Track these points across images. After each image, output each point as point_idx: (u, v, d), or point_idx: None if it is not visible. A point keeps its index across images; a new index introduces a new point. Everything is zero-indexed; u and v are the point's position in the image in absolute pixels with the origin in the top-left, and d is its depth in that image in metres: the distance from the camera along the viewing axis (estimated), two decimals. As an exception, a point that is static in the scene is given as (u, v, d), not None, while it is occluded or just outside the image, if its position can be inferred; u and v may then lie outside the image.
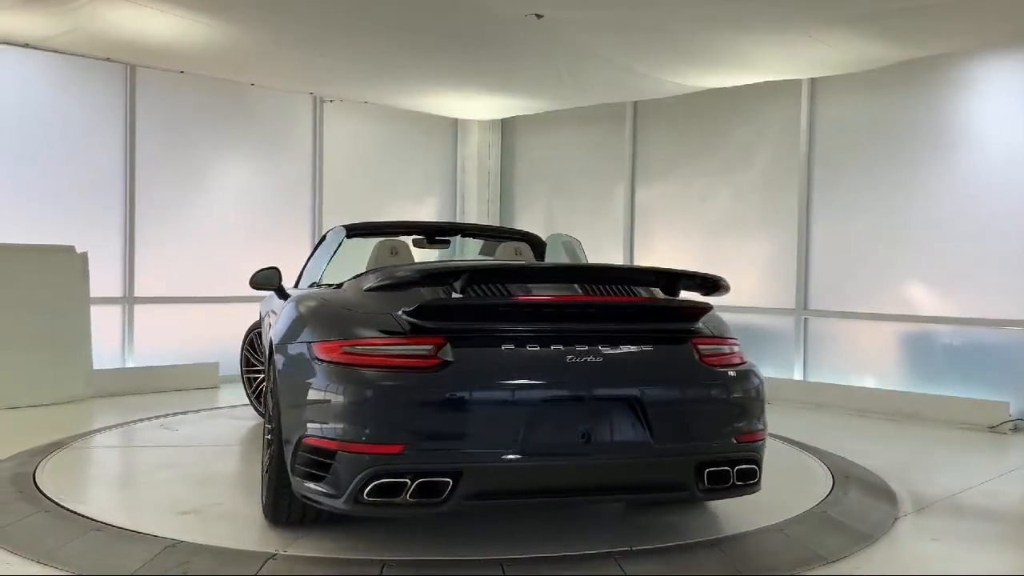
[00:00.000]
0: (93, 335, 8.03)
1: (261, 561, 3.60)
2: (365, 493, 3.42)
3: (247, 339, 7.28)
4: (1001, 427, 7.12)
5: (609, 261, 9.60)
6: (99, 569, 3.60)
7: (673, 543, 3.94)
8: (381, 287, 3.90)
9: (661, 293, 4.12)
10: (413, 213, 10.85)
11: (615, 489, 3.83)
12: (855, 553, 3.97)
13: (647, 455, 3.65)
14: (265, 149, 9.81)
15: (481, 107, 10.46)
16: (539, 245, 6.11)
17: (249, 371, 7.21)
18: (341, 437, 3.49)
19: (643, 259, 9.86)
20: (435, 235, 6.32)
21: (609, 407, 3.64)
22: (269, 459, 4.11)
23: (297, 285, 5.98)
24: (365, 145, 10.63)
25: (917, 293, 7.98)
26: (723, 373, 3.87)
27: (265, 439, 4.30)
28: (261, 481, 4.35)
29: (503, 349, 3.61)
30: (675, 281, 3.99)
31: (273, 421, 4.07)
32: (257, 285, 5.61)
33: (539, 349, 3.62)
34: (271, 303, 5.86)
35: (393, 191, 10.80)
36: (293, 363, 3.94)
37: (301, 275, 6.11)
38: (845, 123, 8.45)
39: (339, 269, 5.33)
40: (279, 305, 5.01)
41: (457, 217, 11.38)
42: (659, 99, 9.56)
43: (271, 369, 4.23)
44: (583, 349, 3.65)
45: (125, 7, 6.57)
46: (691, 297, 4.03)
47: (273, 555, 3.67)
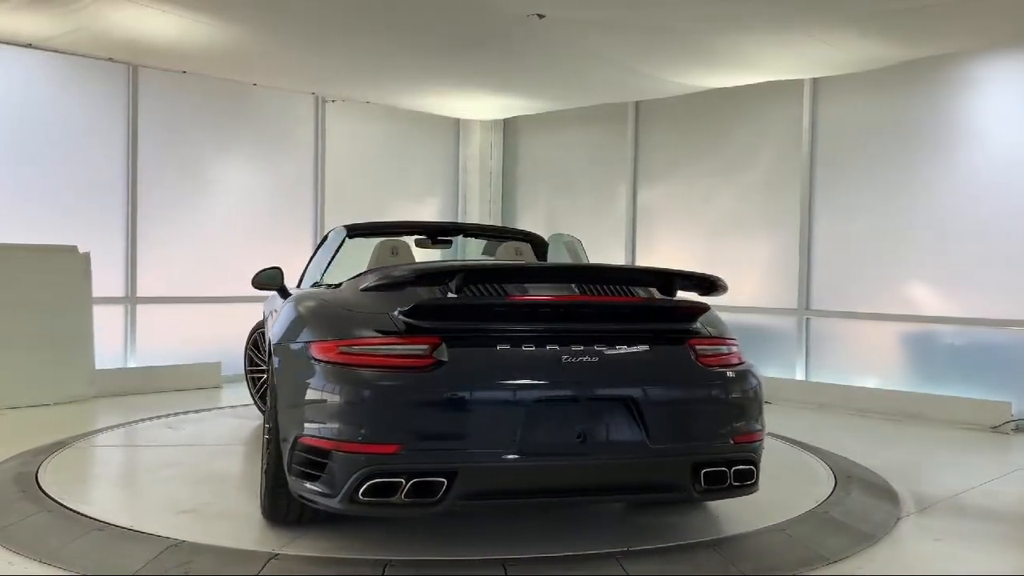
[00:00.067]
0: (95, 335, 8.05)
1: (263, 561, 3.61)
2: (360, 493, 3.42)
3: (251, 339, 7.28)
4: (1003, 427, 7.11)
5: (611, 261, 9.59)
6: (101, 569, 3.61)
7: (674, 543, 3.94)
8: (377, 287, 3.90)
9: (659, 293, 4.11)
10: (415, 213, 10.85)
11: (610, 489, 3.83)
12: (857, 553, 3.97)
13: (643, 455, 3.64)
14: (267, 149, 9.81)
15: (483, 107, 10.46)
16: (541, 245, 6.11)
17: (253, 371, 7.21)
18: (337, 437, 3.49)
19: (645, 259, 9.85)
20: (437, 235, 6.32)
21: (604, 407, 3.63)
22: (268, 459, 4.11)
23: (299, 285, 5.97)
24: (367, 145, 10.63)
25: (919, 293, 7.97)
26: (720, 373, 3.86)
27: (264, 439, 4.31)
28: (260, 481, 4.35)
29: (498, 349, 3.61)
30: (672, 281, 3.98)
31: (271, 420, 4.07)
32: (260, 285, 5.60)
33: (534, 349, 3.62)
34: (274, 303, 5.86)
35: (395, 191, 10.81)
36: (291, 363, 3.94)
37: (303, 275, 6.11)
38: (847, 123, 8.44)
39: (341, 269, 5.34)
40: (281, 305, 5.02)
41: (459, 217, 11.38)
42: (661, 99, 9.56)
43: (270, 368, 4.23)
44: (579, 349, 3.64)
45: (127, 7, 6.58)
46: (689, 297, 4.02)
47: (275, 555, 3.67)
